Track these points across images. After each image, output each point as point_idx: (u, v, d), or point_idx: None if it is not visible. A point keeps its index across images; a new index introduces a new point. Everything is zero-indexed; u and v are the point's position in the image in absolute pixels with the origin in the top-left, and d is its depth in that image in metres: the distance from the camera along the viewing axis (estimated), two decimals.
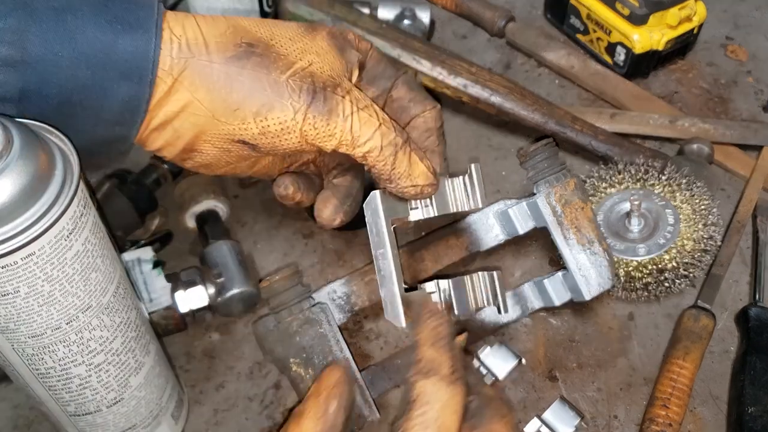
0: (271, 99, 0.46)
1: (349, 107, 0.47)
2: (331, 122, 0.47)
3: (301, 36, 0.49)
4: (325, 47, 0.49)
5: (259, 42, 0.47)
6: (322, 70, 0.48)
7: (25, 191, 0.40)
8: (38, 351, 0.46)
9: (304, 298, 0.56)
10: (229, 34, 0.47)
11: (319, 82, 0.47)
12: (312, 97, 0.46)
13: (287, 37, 0.48)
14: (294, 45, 0.48)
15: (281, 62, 0.47)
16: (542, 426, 0.62)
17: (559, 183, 0.58)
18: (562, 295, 0.61)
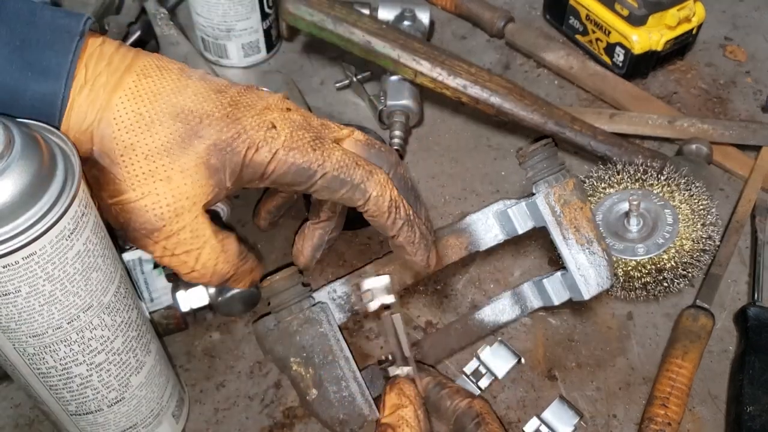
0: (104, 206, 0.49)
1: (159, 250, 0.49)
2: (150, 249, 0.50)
3: (165, 151, 0.47)
4: (188, 167, 0.48)
5: (108, 155, 0.47)
6: (155, 203, 0.48)
7: (26, 191, 0.40)
8: (39, 350, 0.46)
9: (304, 298, 0.57)
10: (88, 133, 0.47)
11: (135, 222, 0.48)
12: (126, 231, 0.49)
13: (144, 152, 0.47)
14: (145, 165, 0.47)
15: (112, 186, 0.48)
16: (541, 425, 0.62)
17: (558, 183, 0.59)
18: (561, 295, 0.62)
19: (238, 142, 0.49)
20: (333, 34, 0.78)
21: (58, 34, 0.46)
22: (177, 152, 0.48)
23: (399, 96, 0.81)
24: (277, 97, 0.52)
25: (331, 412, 0.55)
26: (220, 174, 0.49)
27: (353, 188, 0.50)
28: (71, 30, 0.46)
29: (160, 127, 0.47)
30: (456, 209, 0.79)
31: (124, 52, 0.49)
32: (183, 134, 0.48)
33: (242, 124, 0.49)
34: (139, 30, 0.91)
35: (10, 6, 0.45)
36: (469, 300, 0.71)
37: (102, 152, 0.47)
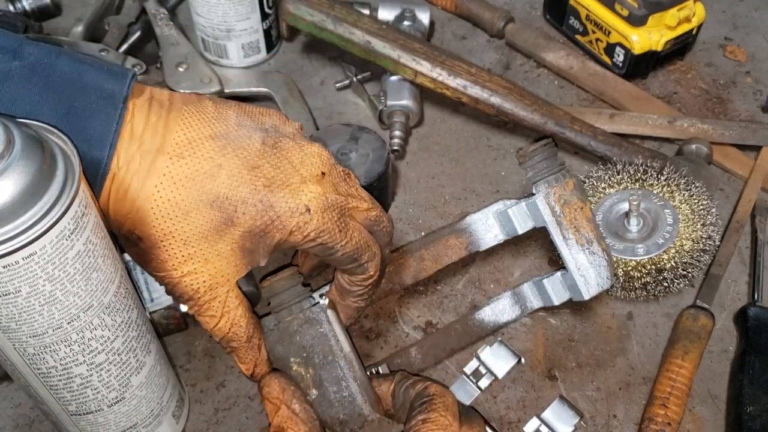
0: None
1: (194, 311, 0.52)
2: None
3: (202, 238, 0.49)
4: (224, 251, 0.50)
5: (149, 240, 0.49)
6: (195, 281, 0.50)
7: (26, 191, 0.40)
8: (39, 350, 0.46)
9: (304, 298, 0.57)
10: (129, 220, 0.49)
11: (178, 292, 0.51)
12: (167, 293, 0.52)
13: (183, 238, 0.49)
14: (184, 249, 0.49)
15: (155, 264, 0.50)
16: (541, 425, 0.62)
17: (558, 183, 0.59)
18: (561, 295, 0.62)
19: (271, 228, 0.50)
20: (333, 34, 0.78)
21: (103, 101, 0.47)
22: (214, 238, 0.50)
23: (399, 96, 0.81)
24: (315, 158, 0.53)
25: (331, 412, 0.55)
26: (254, 254, 0.51)
27: (359, 266, 0.55)
28: (115, 96, 0.47)
29: (197, 215, 0.49)
30: (456, 209, 0.79)
31: (154, 124, 0.49)
32: (219, 222, 0.49)
33: (276, 210, 0.50)
34: (139, 30, 0.91)
35: (60, 70, 0.46)
36: (469, 300, 0.71)
37: (143, 236, 0.49)
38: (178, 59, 0.84)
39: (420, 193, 0.81)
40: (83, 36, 0.86)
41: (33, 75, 0.45)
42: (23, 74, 0.45)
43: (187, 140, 0.49)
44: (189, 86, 0.82)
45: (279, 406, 0.53)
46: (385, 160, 0.71)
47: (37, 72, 0.46)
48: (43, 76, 0.46)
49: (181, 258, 0.50)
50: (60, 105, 0.46)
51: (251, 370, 0.56)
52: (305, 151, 0.52)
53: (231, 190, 0.49)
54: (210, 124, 0.51)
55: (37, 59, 0.46)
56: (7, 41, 0.46)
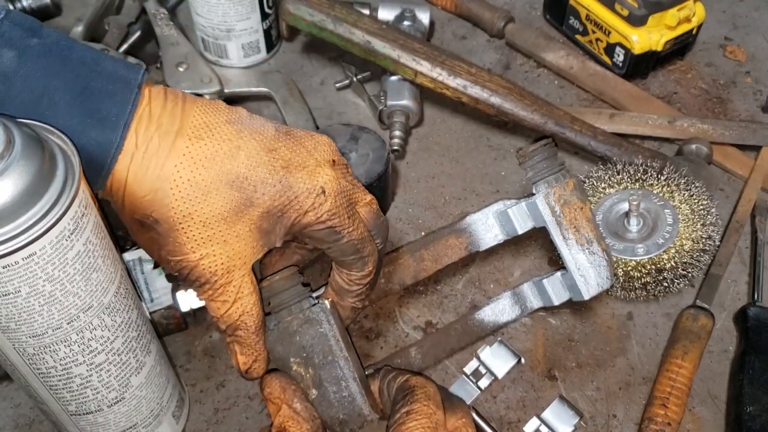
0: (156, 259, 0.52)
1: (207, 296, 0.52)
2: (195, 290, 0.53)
3: (221, 219, 0.50)
4: (242, 233, 0.51)
5: (165, 221, 0.49)
6: (213, 263, 0.51)
7: (26, 191, 0.40)
8: (39, 350, 0.46)
9: (303, 298, 0.57)
10: (146, 201, 0.49)
11: (194, 276, 0.51)
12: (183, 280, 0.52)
13: (202, 219, 0.49)
14: (204, 231, 0.50)
15: (172, 248, 0.50)
16: (541, 425, 0.62)
17: (558, 183, 0.59)
18: (561, 295, 0.62)
19: (289, 209, 0.51)
20: (333, 34, 0.78)
21: (118, 84, 0.48)
22: (233, 219, 0.50)
23: (399, 96, 0.81)
24: (326, 146, 0.54)
25: (331, 412, 0.55)
26: (270, 236, 0.52)
27: (360, 259, 0.55)
28: (130, 82, 0.48)
29: (217, 196, 0.49)
30: (456, 209, 0.79)
31: (171, 110, 0.50)
32: (239, 202, 0.50)
33: (294, 190, 0.51)
34: (139, 30, 0.91)
35: (77, 53, 0.47)
36: (469, 300, 0.71)
37: (161, 219, 0.49)
38: (178, 59, 0.84)
39: (420, 193, 0.81)
40: (83, 36, 0.86)
41: (51, 53, 0.46)
42: (42, 51, 0.46)
43: (205, 124, 0.50)
44: (189, 86, 0.82)
45: (280, 405, 0.53)
46: (385, 160, 0.71)
47: (55, 51, 0.46)
48: (61, 56, 0.47)
49: (200, 240, 0.50)
50: (76, 84, 0.46)
51: (249, 365, 0.55)
52: (316, 140, 0.54)
53: (250, 170, 0.50)
54: (224, 112, 0.52)
55: (55, 40, 0.47)
56: (27, 21, 0.47)
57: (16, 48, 0.45)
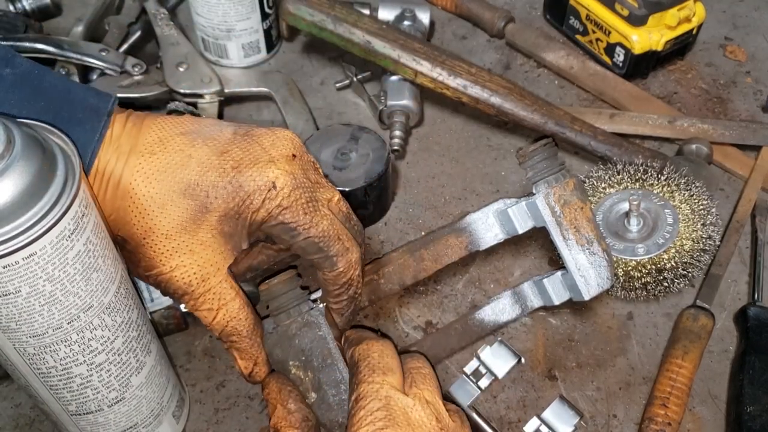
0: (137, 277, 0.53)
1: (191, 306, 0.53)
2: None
3: (182, 229, 0.50)
4: (206, 239, 0.51)
5: (132, 239, 0.50)
6: (185, 273, 0.51)
7: (26, 191, 0.40)
8: (39, 350, 0.46)
9: (302, 301, 0.57)
10: (111, 221, 0.50)
11: (172, 289, 0.52)
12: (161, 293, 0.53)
13: (163, 232, 0.50)
14: (168, 244, 0.50)
15: (145, 263, 0.51)
16: (542, 425, 0.62)
17: (558, 183, 0.58)
18: (562, 295, 0.62)
19: (244, 209, 0.52)
20: (333, 34, 0.78)
21: (88, 113, 0.49)
22: (192, 228, 0.51)
23: (399, 96, 0.81)
24: (285, 141, 0.54)
25: (330, 415, 0.55)
26: (234, 238, 0.53)
27: (326, 258, 0.54)
28: (100, 110, 0.49)
29: (172, 207, 0.50)
30: (456, 209, 0.79)
31: (128, 130, 0.51)
32: (194, 210, 0.51)
33: (245, 189, 0.51)
34: (139, 30, 0.91)
35: (48, 82, 0.48)
36: (469, 300, 0.71)
37: (126, 237, 0.50)
38: (178, 59, 0.84)
39: (420, 193, 0.81)
40: (83, 36, 0.86)
41: (23, 82, 0.47)
42: (14, 80, 0.47)
43: (158, 139, 0.51)
44: (189, 86, 0.82)
45: (276, 405, 0.53)
46: (385, 160, 0.71)
47: (27, 80, 0.47)
48: (33, 85, 0.48)
49: (166, 252, 0.50)
50: (46, 112, 0.47)
51: (250, 369, 0.55)
52: (277, 135, 0.54)
53: (201, 176, 0.50)
54: (182, 124, 0.53)
55: (27, 70, 0.48)
56: (5, 53, 0.48)
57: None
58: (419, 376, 0.50)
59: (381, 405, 0.47)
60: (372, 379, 0.48)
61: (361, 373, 0.49)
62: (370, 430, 0.45)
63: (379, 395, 0.47)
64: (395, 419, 0.46)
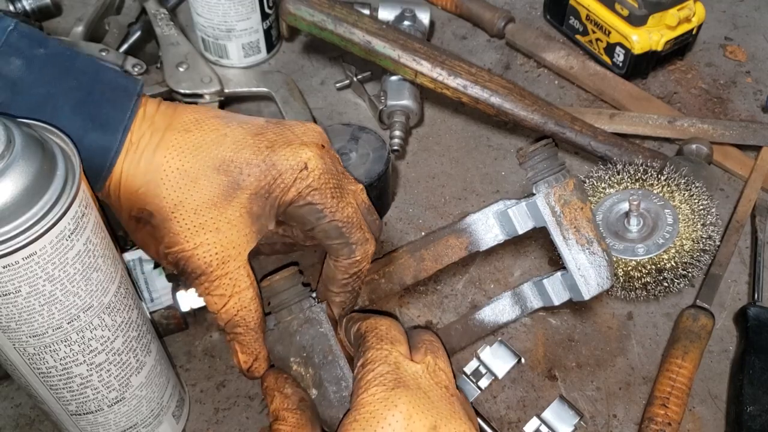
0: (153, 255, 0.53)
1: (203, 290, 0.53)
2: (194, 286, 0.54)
3: (212, 205, 0.51)
4: (234, 218, 0.52)
5: (159, 212, 0.51)
6: (207, 252, 0.51)
7: (26, 191, 0.40)
8: (39, 350, 0.46)
9: (304, 298, 0.57)
10: (140, 194, 0.51)
11: (191, 268, 0.52)
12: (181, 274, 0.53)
13: (193, 207, 0.50)
14: (196, 219, 0.51)
15: (168, 239, 0.51)
16: (542, 425, 0.62)
17: (558, 183, 0.59)
18: (562, 295, 0.62)
19: (274, 188, 0.52)
20: (333, 34, 0.78)
21: (118, 92, 0.50)
22: (223, 204, 0.51)
23: (399, 96, 0.81)
24: (315, 132, 0.56)
25: (331, 412, 0.55)
26: (261, 220, 0.53)
27: (346, 245, 0.55)
28: (130, 90, 0.51)
29: (205, 182, 0.51)
30: (456, 209, 0.79)
31: (164, 111, 0.52)
32: (226, 186, 0.51)
33: (278, 168, 0.52)
34: (140, 30, 0.91)
35: (80, 63, 0.50)
36: (469, 300, 0.71)
37: (155, 210, 0.51)
38: (179, 59, 0.84)
39: (420, 193, 0.81)
40: (83, 36, 0.86)
41: (56, 62, 0.48)
42: (47, 60, 0.48)
43: (194, 119, 0.52)
44: (189, 86, 0.82)
45: (274, 394, 0.53)
46: (385, 160, 0.71)
47: (59, 61, 0.49)
48: (65, 65, 0.49)
49: (192, 228, 0.51)
50: (79, 90, 0.48)
51: (249, 363, 0.55)
52: (307, 126, 0.56)
53: (235, 153, 0.52)
54: (216, 110, 0.55)
55: (59, 51, 0.49)
56: (34, 33, 0.49)
57: (23, 57, 0.47)
58: (431, 347, 0.50)
59: (390, 369, 0.47)
60: (380, 346, 0.48)
61: (369, 342, 0.49)
62: (379, 391, 0.45)
63: (388, 360, 0.47)
64: (405, 382, 0.46)
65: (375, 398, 0.45)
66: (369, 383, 0.46)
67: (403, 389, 0.45)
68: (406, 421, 0.44)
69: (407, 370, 0.47)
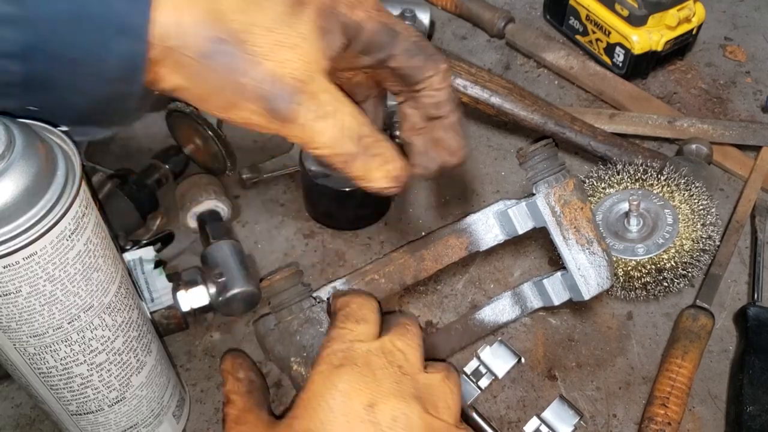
0: (232, 100, 0.47)
1: (306, 115, 0.48)
2: (286, 127, 0.48)
3: (282, 21, 0.48)
4: (306, 32, 0.48)
5: (232, 36, 0.47)
6: (293, 67, 0.47)
7: (27, 191, 0.40)
8: (40, 350, 0.46)
9: (304, 298, 0.57)
10: (206, 24, 0.46)
11: (281, 89, 0.47)
12: (270, 108, 0.47)
13: (265, 25, 0.47)
14: (270, 37, 0.47)
15: (248, 63, 0.47)
16: (542, 425, 0.62)
17: (558, 183, 0.59)
18: (562, 295, 0.62)
19: (337, 3, 0.50)
20: None
21: None
22: (292, 20, 0.48)
23: None
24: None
25: None
26: (330, 36, 0.49)
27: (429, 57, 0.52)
28: None
29: (266, 2, 0.48)
30: (456, 209, 0.79)
31: None
32: (290, 3, 0.48)
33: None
34: None
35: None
36: (469, 300, 0.71)
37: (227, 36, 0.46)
38: None
39: (420, 193, 0.81)
40: None
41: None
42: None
43: None
44: None
45: (228, 377, 0.54)
46: None
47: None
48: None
49: (269, 45, 0.47)
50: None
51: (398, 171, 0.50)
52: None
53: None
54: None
55: None
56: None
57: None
58: (400, 328, 0.50)
59: (344, 347, 0.47)
60: (343, 325, 0.49)
61: (336, 320, 0.50)
62: (325, 368, 0.46)
63: (345, 339, 0.47)
64: (354, 359, 0.46)
65: (320, 376, 0.45)
66: (320, 360, 0.47)
67: (348, 367, 0.45)
68: (343, 398, 0.44)
69: (362, 347, 0.47)
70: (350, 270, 0.65)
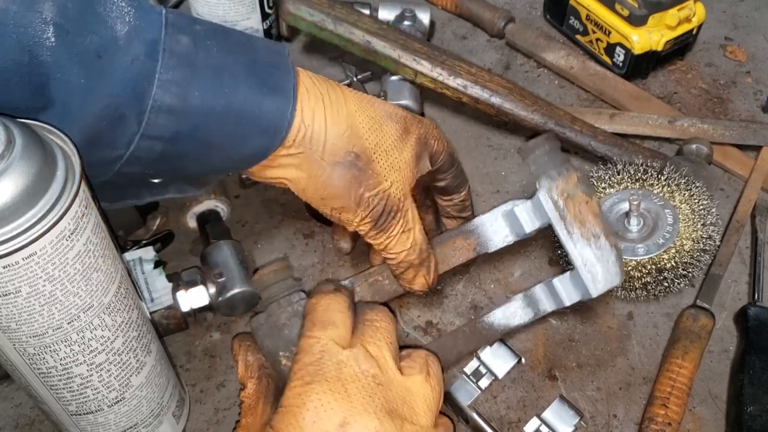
0: (349, 204, 0.54)
1: (397, 229, 0.55)
2: (379, 237, 0.56)
3: (394, 147, 0.55)
4: (408, 160, 0.56)
5: (364, 154, 0.54)
6: (397, 189, 0.55)
7: (26, 191, 0.40)
8: (39, 350, 0.46)
9: (293, 291, 0.56)
10: (345, 138, 0.53)
11: (389, 206, 0.54)
12: (377, 218, 0.54)
13: (385, 148, 0.55)
14: (387, 159, 0.55)
15: (372, 180, 0.54)
16: (542, 425, 0.62)
17: (560, 177, 0.57)
18: (572, 296, 0.59)
19: (427, 136, 0.57)
20: (333, 34, 0.78)
21: (276, 56, 0.52)
22: (401, 146, 0.55)
23: (399, 96, 0.81)
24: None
25: None
26: (420, 162, 0.57)
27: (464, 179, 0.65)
28: (283, 53, 0.53)
29: (387, 127, 0.55)
30: None
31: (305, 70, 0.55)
32: (401, 130, 0.56)
33: (424, 122, 0.58)
34: None
35: (234, 34, 0.52)
36: (469, 300, 0.71)
37: (360, 152, 0.53)
38: None
39: None
40: None
41: (214, 35, 0.50)
42: (206, 34, 0.49)
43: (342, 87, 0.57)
44: None
45: (238, 361, 0.55)
46: None
47: (217, 33, 0.50)
48: (223, 37, 0.50)
49: (387, 168, 0.54)
50: (244, 57, 0.50)
51: (432, 277, 0.59)
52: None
53: (394, 109, 0.57)
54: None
55: (213, 25, 0.51)
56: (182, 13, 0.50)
57: (187, 34, 0.48)
58: (370, 329, 0.49)
59: (314, 360, 0.46)
60: (311, 334, 0.48)
61: (304, 327, 0.49)
62: (297, 385, 0.45)
63: (314, 350, 0.47)
64: (324, 374, 0.45)
65: (292, 392, 0.45)
66: (291, 376, 0.46)
67: (318, 384, 0.45)
68: (314, 418, 0.43)
69: (331, 360, 0.46)
70: (350, 269, 0.65)
